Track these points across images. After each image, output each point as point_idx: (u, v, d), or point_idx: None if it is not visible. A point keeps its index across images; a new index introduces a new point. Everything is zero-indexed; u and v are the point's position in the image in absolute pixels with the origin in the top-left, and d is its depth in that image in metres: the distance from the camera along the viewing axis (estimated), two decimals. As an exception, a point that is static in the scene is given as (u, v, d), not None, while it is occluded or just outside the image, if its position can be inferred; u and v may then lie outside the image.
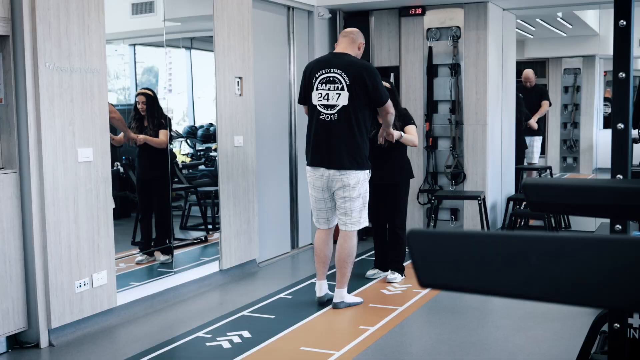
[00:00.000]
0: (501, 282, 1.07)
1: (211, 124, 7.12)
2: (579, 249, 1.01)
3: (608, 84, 12.03)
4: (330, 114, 5.39)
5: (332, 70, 5.42)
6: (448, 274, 1.12)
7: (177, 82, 6.70)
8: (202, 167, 7.52)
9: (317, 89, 5.46)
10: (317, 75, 5.47)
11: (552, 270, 1.03)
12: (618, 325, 2.71)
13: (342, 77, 5.37)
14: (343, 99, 5.35)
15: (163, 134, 6.17)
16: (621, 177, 2.57)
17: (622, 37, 2.56)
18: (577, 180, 1.56)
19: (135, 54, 6.59)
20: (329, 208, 5.59)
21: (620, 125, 2.57)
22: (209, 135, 7.20)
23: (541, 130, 10.32)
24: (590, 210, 2.14)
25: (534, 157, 10.10)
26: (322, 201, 5.57)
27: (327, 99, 5.40)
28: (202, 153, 7.50)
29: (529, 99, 9.79)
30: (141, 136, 6.12)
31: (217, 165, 6.45)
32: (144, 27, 6.47)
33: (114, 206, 5.53)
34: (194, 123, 7.43)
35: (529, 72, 10.00)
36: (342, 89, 5.35)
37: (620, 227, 2.63)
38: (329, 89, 5.40)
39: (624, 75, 2.55)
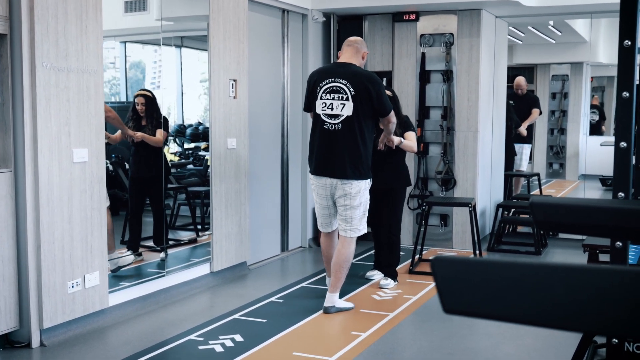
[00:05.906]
0: (524, 310, 1.09)
1: (200, 123, 7.11)
2: (595, 278, 1.03)
3: (594, 90, 12.12)
4: (335, 124, 5.40)
5: (336, 80, 5.42)
6: (472, 300, 1.13)
7: (166, 79, 6.69)
8: (190, 166, 7.51)
9: (321, 99, 5.47)
10: (321, 85, 5.48)
11: (574, 299, 1.04)
12: (617, 341, 2.75)
13: (346, 87, 5.38)
14: (347, 109, 5.36)
15: (160, 133, 6.20)
16: (623, 195, 2.59)
17: (626, 57, 2.58)
18: (585, 200, 1.57)
19: (125, 50, 6.57)
20: (332, 214, 5.68)
21: (623, 144, 2.59)
22: (198, 134, 7.18)
23: (530, 138, 10.36)
24: (597, 230, 2.16)
25: (523, 164, 10.14)
26: (326, 208, 5.64)
27: (332, 109, 5.40)
28: (190, 152, 7.47)
29: (520, 106, 9.82)
30: (139, 133, 6.13)
31: (207, 165, 6.44)
32: (136, 25, 6.46)
33: (108, 204, 5.52)
34: (183, 121, 7.42)
35: (520, 80, 10.01)
36: (347, 99, 5.36)
37: (620, 244, 2.66)
38: (333, 99, 5.40)
39: (627, 94, 2.57)
